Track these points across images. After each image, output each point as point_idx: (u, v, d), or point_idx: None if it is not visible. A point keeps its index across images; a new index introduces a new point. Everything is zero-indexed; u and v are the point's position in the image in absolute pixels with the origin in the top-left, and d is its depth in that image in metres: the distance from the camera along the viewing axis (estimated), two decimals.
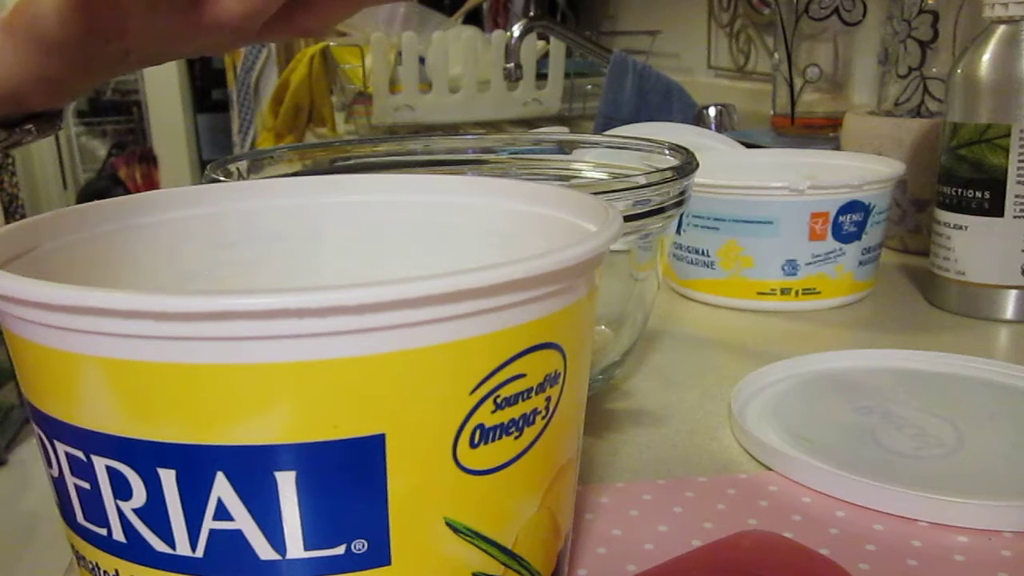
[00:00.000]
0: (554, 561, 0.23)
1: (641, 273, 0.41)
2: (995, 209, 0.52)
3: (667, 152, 0.42)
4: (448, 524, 0.20)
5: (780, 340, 0.51)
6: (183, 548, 0.19)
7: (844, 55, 0.85)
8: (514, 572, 0.22)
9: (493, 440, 0.20)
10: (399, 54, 1.34)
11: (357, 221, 0.31)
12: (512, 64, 1.23)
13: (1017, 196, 0.51)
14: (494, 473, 0.20)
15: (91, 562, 0.21)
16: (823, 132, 0.85)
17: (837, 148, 0.75)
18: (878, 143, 0.68)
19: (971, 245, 0.53)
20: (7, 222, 1.07)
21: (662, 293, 0.60)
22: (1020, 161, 0.50)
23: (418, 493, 0.19)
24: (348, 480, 0.18)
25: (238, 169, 0.40)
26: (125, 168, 3.55)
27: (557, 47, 1.41)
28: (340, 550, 0.19)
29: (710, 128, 1.02)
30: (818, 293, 0.55)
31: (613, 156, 0.45)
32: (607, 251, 0.22)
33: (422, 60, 1.35)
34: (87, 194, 3.48)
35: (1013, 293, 0.53)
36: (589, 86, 1.44)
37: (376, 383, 0.18)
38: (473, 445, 0.20)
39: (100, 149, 3.77)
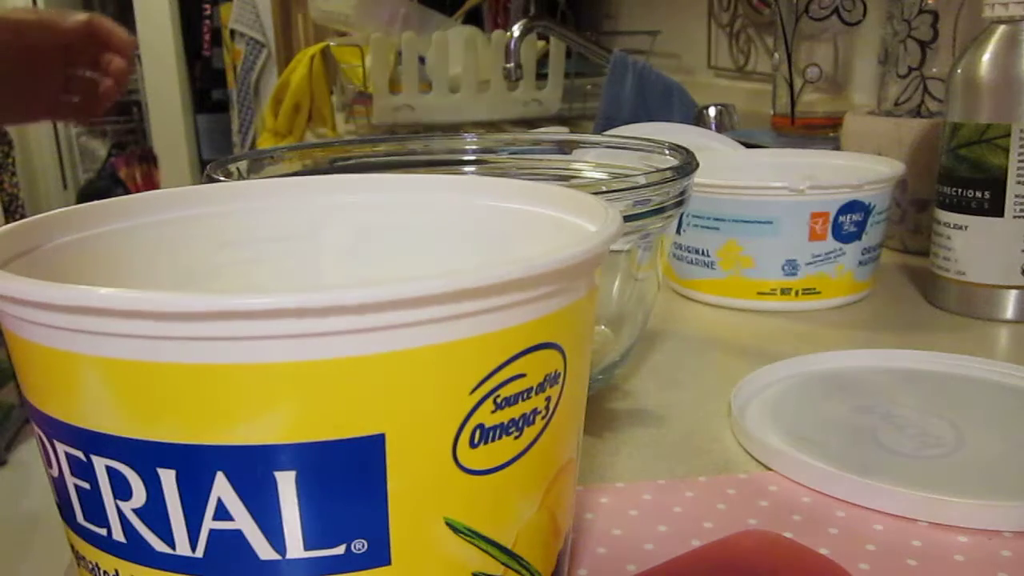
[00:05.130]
0: (554, 561, 0.23)
1: (641, 273, 0.41)
2: (995, 209, 0.52)
3: (667, 152, 0.42)
4: (448, 524, 0.20)
5: (780, 340, 0.51)
6: (183, 548, 0.19)
7: (844, 55, 0.85)
8: (514, 572, 0.22)
9: (493, 440, 0.20)
10: (399, 54, 1.34)
11: (357, 221, 0.31)
12: (512, 64, 1.23)
13: (1017, 196, 0.51)
14: (494, 473, 0.20)
15: (91, 562, 0.21)
16: (823, 132, 0.85)
17: (837, 148, 0.75)
18: (878, 143, 0.68)
19: (971, 245, 0.53)
20: (7, 222, 1.07)
21: (662, 293, 0.60)
22: (1020, 161, 0.50)
23: (418, 493, 0.19)
24: (348, 480, 0.18)
25: (238, 169, 0.40)
26: (125, 168, 3.55)
27: (557, 47, 1.41)
28: (340, 550, 0.19)
29: (710, 128, 1.02)
30: (818, 293, 0.55)
31: (613, 156, 0.45)
32: (607, 251, 0.22)
33: (422, 60, 1.35)
34: (87, 194, 3.48)
35: (1013, 293, 0.53)
36: (589, 86, 1.44)
37: (376, 383, 0.18)
38: (473, 445, 0.20)
39: (100, 149, 3.77)
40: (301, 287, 0.17)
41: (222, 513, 0.18)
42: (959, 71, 0.52)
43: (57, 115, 0.72)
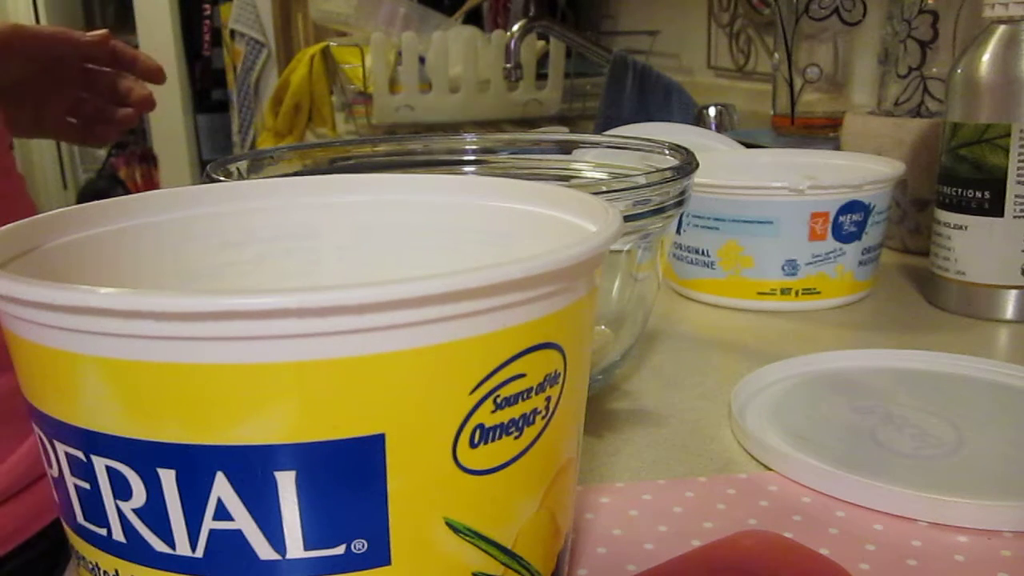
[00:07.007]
0: (554, 561, 0.23)
1: (641, 273, 0.41)
2: (995, 209, 0.52)
3: (667, 152, 0.42)
4: (448, 524, 0.20)
5: (780, 340, 0.51)
6: (183, 548, 0.19)
7: (844, 55, 0.85)
8: (514, 572, 0.22)
9: (493, 440, 0.20)
10: (399, 54, 1.34)
11: (357, 221, 0.31)
12: (512, 64, 1.23)
13: (1017, 196, 0.51)
14: (494, 473, 0.20)
15: (91, 562, 0.21)
16: (823, 132, 0.85)
17: (837, 148, 0.75)
18: (878, 143, 0.68)
19: (971, 245, 0.53)
20: None
21: (662, 293, 0.60)
22: (1020, 161, 0.50)
23: (418, 493, 0.19)
24: (348, 480, 0.18)
25: (238, 169, 0.40)
26: (125, 168, 3.54)
27: (557, 47, 1.41)
28: (340, 550, 0.19)
29: (710, 128, 1.02)
30: (818, 293, 0.55)
31: (613, 156, 0.45)
32: (607, 251, 0.22)
33: (422, 60, 1.35)
34: (87, 194, 3.47)
35: (1013, 293, 0.53)
36: (589, 86, 1.44)
37: (376, 383, 0.18)
38: (473, 445, 0.20)
39: (100, 149, 3.77)
40: (301, 287, 0.17)
41: (222, 513, 0.18)
42: (959, 71, 0.52)
43: (62, 135, 0.72)
